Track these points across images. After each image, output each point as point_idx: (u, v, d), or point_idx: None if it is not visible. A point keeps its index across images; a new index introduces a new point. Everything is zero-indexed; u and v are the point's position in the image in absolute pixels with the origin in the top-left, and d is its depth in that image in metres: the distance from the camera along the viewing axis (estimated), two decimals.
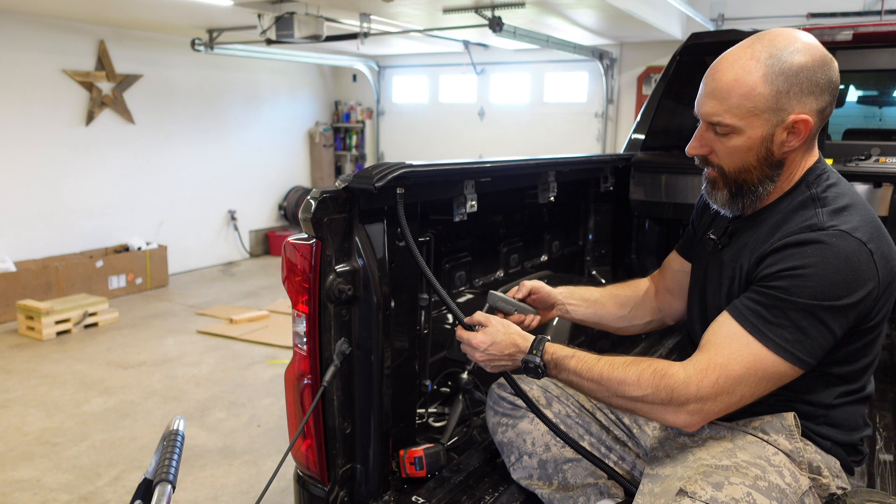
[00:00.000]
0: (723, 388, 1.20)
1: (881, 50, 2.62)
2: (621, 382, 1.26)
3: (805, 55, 1.23)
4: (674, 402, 1.21)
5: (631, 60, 7.18)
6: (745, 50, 1.26)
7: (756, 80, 1.23)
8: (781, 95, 1.23)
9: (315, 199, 1.39)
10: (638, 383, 1.24)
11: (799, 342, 1.19)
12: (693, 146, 1.35)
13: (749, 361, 1.20)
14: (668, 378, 1.22)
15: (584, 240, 2.89)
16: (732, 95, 1.25)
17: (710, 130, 1.31)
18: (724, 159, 1.32)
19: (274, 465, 3.14)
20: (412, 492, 1.60)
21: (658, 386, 1.22)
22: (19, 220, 5.86)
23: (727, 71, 1.26)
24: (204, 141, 7.46)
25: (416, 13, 5.42)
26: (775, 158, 1.29)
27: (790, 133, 1.26)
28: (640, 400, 1.24)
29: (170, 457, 0.95)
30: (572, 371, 1.33)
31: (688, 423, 1.24)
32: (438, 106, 8.55)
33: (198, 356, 4.75)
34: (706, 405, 1.21)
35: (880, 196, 2.41)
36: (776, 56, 1.23)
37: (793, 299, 1.19)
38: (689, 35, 2.84)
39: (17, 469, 3.19)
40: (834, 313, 1.18)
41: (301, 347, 1.47)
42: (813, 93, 1.24)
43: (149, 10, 5.47)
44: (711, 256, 1.46)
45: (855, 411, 1.37)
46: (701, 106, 1.31)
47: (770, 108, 1.24)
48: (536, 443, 1.57)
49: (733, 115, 1.26)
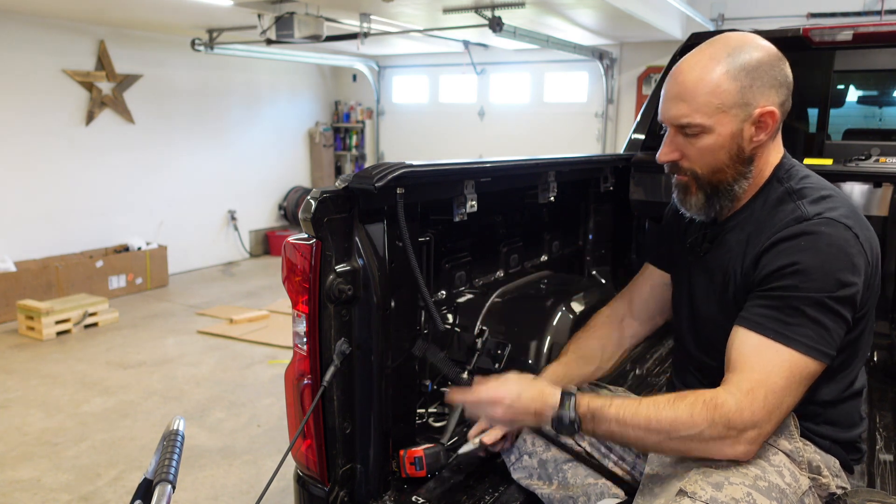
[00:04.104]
0: (773, 405, 1.16)
1: (881, 50, 2.62)
2: (673, 422, 1.17)
3: (761, 52, 1.27)
4: (731, 433, 1.16)
5: (631, 60, 7.18)
6: (702, 53, 1.29)
7: (720, 78, 1.25)
8: (746, 90, 1.25)
9: (315, 199, 1.39)
10: (692, 420, 1.16)
11: (822, 337, 1.18)
12: (664, 152, 1.35)
13: (787, 370, 1.17)
14: (721, 408, 1.15)
15: (584, 240, 2.89)
16: (699, 94, 1.26)
17: (679, 134, 1.32)
18: (697, 161, 1.32)
19: (274, 465, 3.14)
20: (412, 492, 1.59)
21: (713, 419, 1.15)
22: (19, 220, 5.86)
23: (689, 72, 1.28)
24: (204, 141, 7.46)
25: (416, 13, 5.42)
26: (746, 154, 1.31)
27: (758, 127, 1.28)
28: (697, 438, 1.17)
29: (170, 457, 0.95)
30: (613, 420, 1.22)
31: (747, 453, 1.18)
32: (438, 106, 8.55)
33: (198, 356, 4.75)
34: (763, 428, 1.17)
35: (880, 196, 2.41)
36: (734, 55, 1.26)
37: (802, 295, 1.18)
38: (689, 35, 2.83)
39: (17, 469, 3.19)
40: (843, 301, 1.19)
41: (301, 347, 1.47)
42: (774, 86, 1.27)
43: (149, 10, 5.47)
44: (694, 265, 1.45)
45: (852, 407, 1.38)
46: (667, 111, 1.31)
47: (737, 104, 1.26)
48: (536, 442, 1.57)
49: (702, 114, 1.27)
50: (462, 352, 1.97)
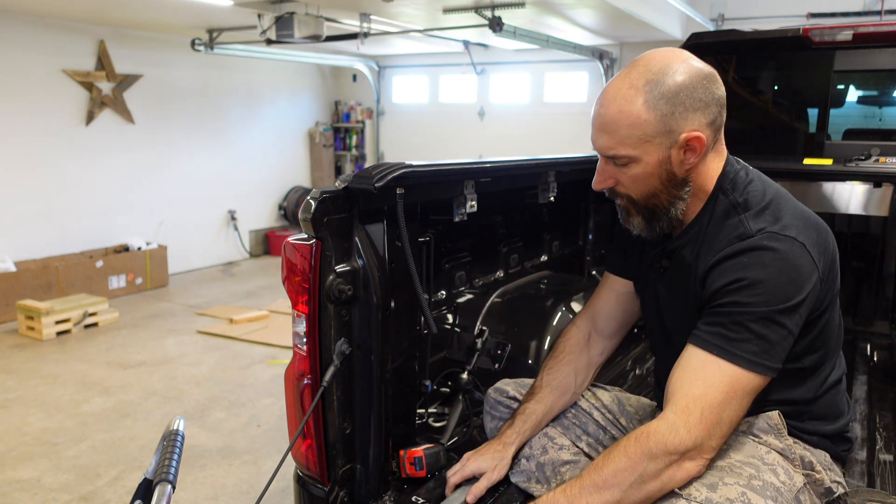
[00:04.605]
0: (711, 421, 1.16)
1: (881, 50, 2.62)
2: (615, 473, 1.17)
3: (681, 74, 1.23)
4: (672, 456, 1.15)
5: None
6: (623, 81, 1.27)
7: (639, 109, 1.23)
8: (667, 118, 1.23)
9: (315, 199, 1.39)
10: (630, 463, 1.16)
11: (765, 352, 1.18)
12: (597, 181, 1.36)
13: (726, 385, 1.17)
14: (653, 436, 1.16)
15: (584, 240, 2.89)
16: (620, 127, 1.25)
17: (610, 163, 1.32)
18: (630, 188, 1.33)
19: (274, 465, 3.14)
20: (412, 492, 1.59)
21: (650, 451, 1.15)
22: (19, 220, 5.86)
23: (610, 105, 1.26)
24: (204, 141, 7.46)
25: (416, 13, 5.42)
26: (679, 178, 1.30)
27: (686, 151, 1.27)
28: (647, 477, 1.16)
29: (170, 457, 0.95)
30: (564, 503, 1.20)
31: (697, 470, 1.18)
32: (438, 106, 8.55)
33: (198, 356, 4.75)
34: (705, 444, 1.16)
35: (880, 196, 2.41)
36: (653, 81, 1.23)
37: (747, 310, 1.18)
38: (689, 35, 2.84)
39: (17, 469, 3.19)
40: (789, 314, 1.19)
41: (301, 347, 1.47)
42: (699, 108, 1.24)
43: (149, 10, 5.47)
44: (658, 282, 1.45)
45: (833, 398, 1.39)
46: (595, 141, 1.32)
47: (659, 132, 1.24)
48: (534, 446, 1.57)
49: (626, 146, 1.26)
50: (462, 352, 1.97)
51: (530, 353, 2.19)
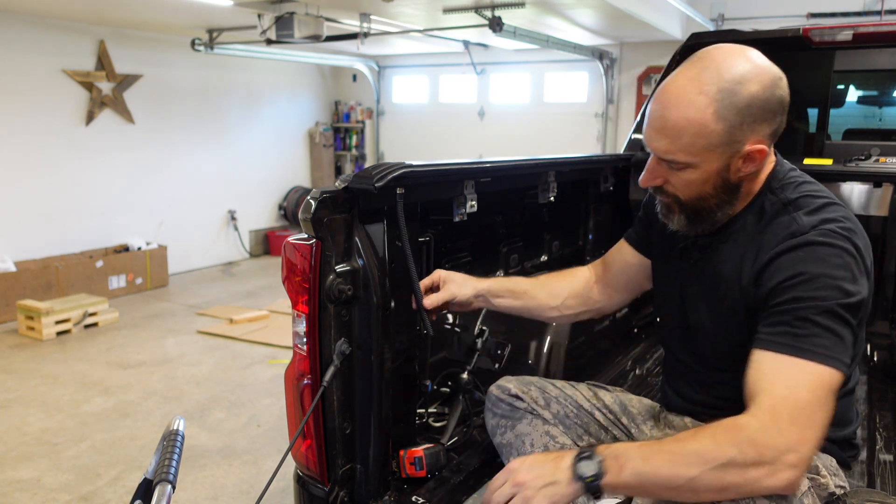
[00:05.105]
0: (803, 422, 1.07)
1: (881, 50, 2.62)
2: (698, 452, 1.08)
3: (755, 83, 1.18)
4: (765, 458, 1.05)
5: (631, 60, 7.18)
6: (692, 84, 1.20)
7: (708, 119, 1.18)
8: (734, 129, 1.19)
9: (315, 199, 1.39)
10: (717, 447, 1.07)
11: (835, 346, 1.11)
12: (646, 179, 1.32)
13: (809, 383, 1.09)
14: (744, 430, 1.07)
15: (584, 240, 2.89)
16: (684, 135, 1.20)
17: (663, 164, 1.28)
18: (680, 190, 1.29)
19: (274, 465, 3.14)
20: (412, 492, 1.59)
21: (738, 442, 1.06)
22: (19, 220, 5.86)
23: (676, 109, 1.20)
24: (204, 141, 7.46)
25: (416, 13, 5.42)
26: (732, 184, 1.27)
27: (746, 160, 1.24)
28: (730, 465, 1.06)
29: (170, 457, 0.95)
30: (639, 458, 1.11)
31: (791, 482, 1.07)
32: (438, 106, 8.55)
33: (198, 356, 4.75)
34: (800, 450, 1.06)
35: (880, 196, 2.41)
36: (726, 90, 1.17)
37: (811, 304, 1.13)
38: (689, 35, 2.83)
39: (17, 469, 3.19)
40: (851, 310, 1.14)
41: (301, 347, 1.47)
42: (766, 119, 1.21)
43: (149, 10, 5.47)
44: (686, 270, 1.43)
45: (848, 405, 1.38)
46: (651, 140, 1.26)
47: (724, 143, 1.20)
48: (535, 444, 1.57)
49: (686, 153, 1.22)
50: (462, 352, 1.97)
51: (530, 353, 2.19)
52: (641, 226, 1.62)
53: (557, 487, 1.13)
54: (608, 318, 2.55)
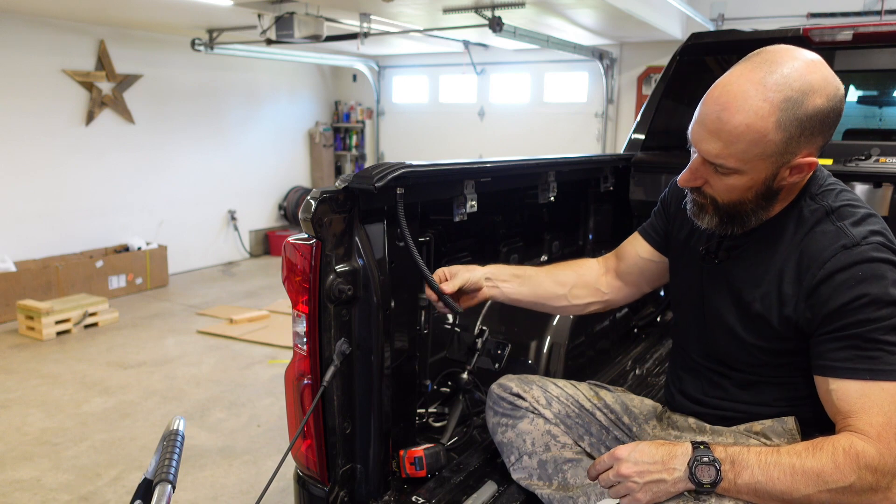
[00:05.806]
0: None
1: (881, 50, 2.62)
2: (820, 473, 1.08)
3: (821, 96, 1.13)
4: (881, 485, 1.08)
5: (631, 60, 7.18)
6: (756, 88, 1.13)
7: (768, 128, 1.13)
8: (792, 140, 1.15)
9: (315, 199, 1.39)
10: (838, 471, 1.08)
11: None
12: (686, 179, 1.27)
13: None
14: (864, 457, 1.08)
15: (584, 240, 2.89)
16: (741, 141, 1.15)
17: (708, 166, 1.23)
18: (720, 193, 1.25)
19: (274, 465, 3.14)
20: (412, 492, 1.59)
21: (859, 469, 1.08)
22: (19, 220, 5.86)
23: (736, 113, 1.14)
24: (204, 141, 7.46)
25: (416, 13, 5.42)
26: (773, 191, 1.23)
27: (794, 171, 1.20)
28: (848, 490, 1.08)
29: (170, 457, 0.95)
30: (756, 466, 1.11)
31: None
32: (438, 106, 8.55)
33: (198, 356, 4.75)
34: None
35: (880, 196, 2.41)
36: (792, 100, 1.12)
37: (879, 325, 1.13)
38: (689, 35, 2.84)
39: (17, 469, 3.19)
40: None
41: (301, 347, 1.47)
42: (823, 132, 1.17)
43: (149, 10, 5.47)
44: (709, 270, 1.40)
45: None
46: (701, 142, 1.20)
47: (778, 153, 1.16)
48: (536, 443, 1.57)
49: (738, 160, 1.17)
50: (462, 352, 1.97)
51: (530, 353, 2.19)
52: (658, 220, 1.60)
53: (664, 486, 1.14)
54: (608, 318, 2.55)
